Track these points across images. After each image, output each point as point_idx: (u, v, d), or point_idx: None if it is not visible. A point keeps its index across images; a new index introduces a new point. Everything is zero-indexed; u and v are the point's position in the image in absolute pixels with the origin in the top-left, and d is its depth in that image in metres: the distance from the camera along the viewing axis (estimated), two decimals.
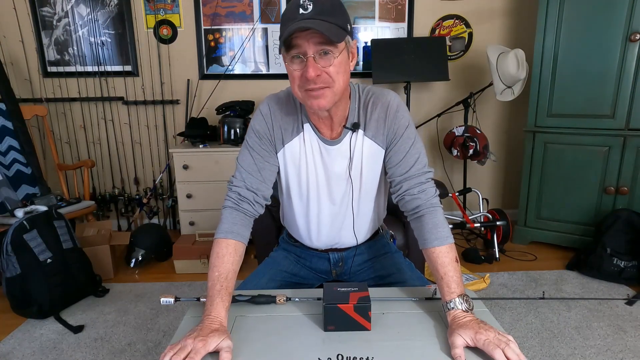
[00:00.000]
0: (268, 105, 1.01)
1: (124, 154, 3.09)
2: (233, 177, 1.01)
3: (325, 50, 0.84)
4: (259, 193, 0.99)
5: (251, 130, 1.01)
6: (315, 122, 1.00)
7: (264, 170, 1.00)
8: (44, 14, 2.84)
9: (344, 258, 1.18)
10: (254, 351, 0.76)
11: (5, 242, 1.89)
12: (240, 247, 0.94)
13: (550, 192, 2.59)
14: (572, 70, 2.40)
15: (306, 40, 0.83)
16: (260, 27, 2.93)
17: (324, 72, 0.86)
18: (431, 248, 0.92)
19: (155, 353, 1.67)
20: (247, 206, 0.98)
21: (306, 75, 0.85)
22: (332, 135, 1.01)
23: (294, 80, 0.88)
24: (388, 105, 0.98)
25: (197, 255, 2.41)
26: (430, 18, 2.98)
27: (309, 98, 0.89)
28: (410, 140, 0.99)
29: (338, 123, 0.99)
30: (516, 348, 0.72)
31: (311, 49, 0.84)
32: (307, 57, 0.84)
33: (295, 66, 0.87)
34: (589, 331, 1.76)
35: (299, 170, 1.03)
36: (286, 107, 1.01)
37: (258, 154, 1.00)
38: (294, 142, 1.01)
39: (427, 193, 0.97)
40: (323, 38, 0.83)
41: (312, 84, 0.86)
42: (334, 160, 1.01)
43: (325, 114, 0.95)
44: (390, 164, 1.00)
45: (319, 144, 1.01)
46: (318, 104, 0.89)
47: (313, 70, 0.84)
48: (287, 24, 0.85)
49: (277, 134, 1.00)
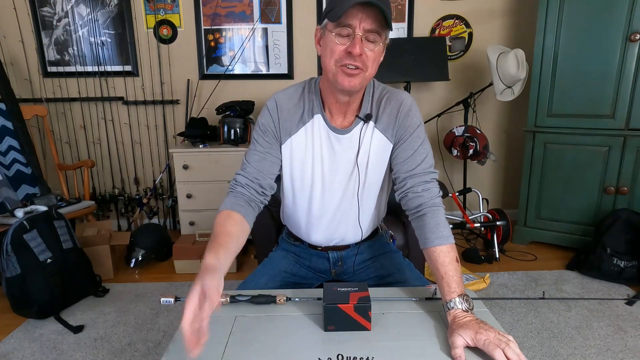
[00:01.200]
0: (275, 100, 1.02)
1: (124, 154, 3.09)
2: (237, 173, 1.03)
3: (372, 35, 0.86)
4: (255, 181, 1.00)
5: (257, 125, 1.03)
6: (331, 108, 1.01)
7: (264, 160, 1.01)
8: (44, 14, 2.84)
9: (343, 257, 1.18)
10: (254, 351, 0.76)
11: (5, 242, 1.89)
12: (239, 218, 0.93)
13: (550, 192, 2.59)
14: (572, 70, 2.40)
15: (359, 19, 0.84)
16: (260, 27, 2.93)
17: (364, 53, 0.87)
18: (432, 247, 0.92)
19: (155, 353, 1.67)
20: (242, 190, 0.99)
21: (352, 50, 0.85)
22: (344, 123, 1.02)
23: (333, 53, 0.88)
24: (402, 103, 1.01)
25: (197, 255, 2.41)
26: (430, 18, 2.98)
27: (343, 75, 0.89)
28: (420, 139, 1.01)
29: (352, 112, 1.01)
30: (516, 348, 0.72)
31: (360, 30, 0.85)
32: (356, 34, 0.85)
33: (342, 40, 0.87)
34: (589, 331, 1.76)
35: (304, 161, 1.04)
36: (294, 100, 1.02)
37: (261, 146, 1.02)
38: (299, 133, 1.02)
39: (430, 192, 0.98)
40: (376, 24, 0.85)
41: (352, 61, 0.87)
42: (343, 149, 1.02)
43: (346, 98, 0.96)
44: (397, 160, 1.01)
45: (328, 133, 1.01)
46: (349, 83, 0.90)
47: (360, 48, 0.85)
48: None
49: (283, 127, 1.01)
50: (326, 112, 1.01)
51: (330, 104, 1.00)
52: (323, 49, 0.92)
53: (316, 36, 0.96)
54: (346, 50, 0.87)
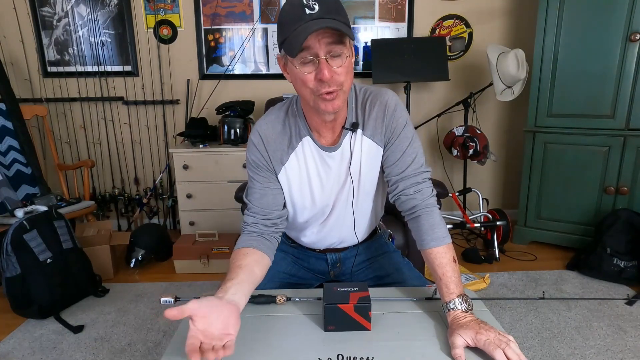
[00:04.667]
0: (258, 133, 0.98)
1: (124, 154, 3.09)
2: (244, 214, 1.02)
3: (336, 51, 0.81)
4: (264, 218, 0.99)
5: (248, 162, 1.01)
6: (318, 129, 0.98)
7: (266, 196, 1.00)
8: (44, 14, 2.84)
9: (342, 259, 1.18)
10: (254, 351, 0.76)
11: (5, 242, 1.89)
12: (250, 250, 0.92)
13: (550, 192, 2.59)
14: (572, 70, 2.40)
15: (317, 41, 0.79)
16: (260, 27, 2.93)
17: (335, 73, 0.83)
18: (429, 249, 0.92)
19: (155, 353, 1.67)
20: (257, 229, 0.98)
21: (321, 77, 0.81)
22: (334, 138, 0.99)
23: (305, 84, 0.84)
24: (386, 103, 0.97)
25: (197, 255, 2.41)
26: (430, 18, 2.98)
27: (323, 102, 0.85)
28: (408, 139, 0.98)
29: (339, 125, 0.98)
30: (516, 348, 0.72)
31: (322, 50, 0.80)
32: (320, 58, 0.81)
33: (308, 69, 0.83)
34: (589, 331, 1.76)
35: (301, 184, 1.02)
36: (277, 127, 0.99)
37: (258, 182, 1.00)
38: (291, 160, 0.99)
39: (423, 193, 0.97)
40: (334, 38, 0.80)
41: (327, 87, 0.83)
42: (337, 164, 1.00)
43: (332, 116, 0.93)
44: (387, 163, 1.00)
45: (319, 153, 0.99)
46: (332, 106, 0.86)
47: (328, 72, 0.81)
48: (293, 25, 0.79)
49: (273, 158, 0.99)
50: (314, 133, 0.98)
51: (317, 124, 0.97)
52: (293, 79, 0.88)
53: (280, 63, 0.91)
54: (316, 77, 0.83)
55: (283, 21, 0.83)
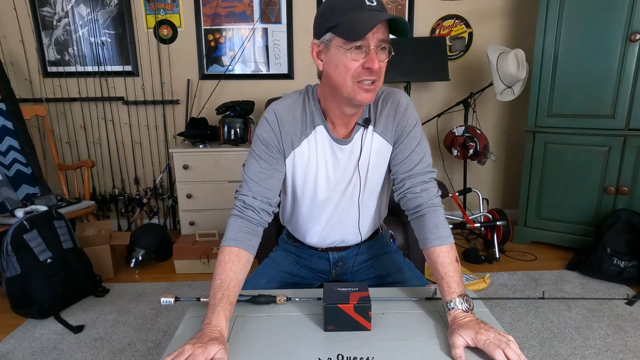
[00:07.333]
0: (274, 112, 0.97)
1: (124, 154, 3.09)
2: (240, 187, 1.00)
3: (384, 46, 0.85)
4: (265, 201, 0.97)
5: (257, 139, 0.98)
6: (334, 119, 0.99)
7: (271, 178, 0.98)
8: (44, 14, 2.84)
9: (344, 258, 1.18)
10: (254, 351, 0.76)
11: (5, 242, 1.89)
12: (245, 255, 0.91)
13: (550, 192, 2.59)
14: (572, 70, 2.40)
15: (372, 32, 0.82)
16: (260, 27, 2.93)
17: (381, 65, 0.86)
18: (431, 248, 0.92)
19: (155, 353, 1.67)
20: (252, 214, 0.95)
21: (371, 66, 0.84)
22: (346, 132, 1.00)
23: (348, 70, 0.86)
24: (398, 102, 1.00)
25: (197, 255, 2.41)
26: (430, 18, 2.98)
27: (360, 91, 0.87)
28: (417, 139, 1.00)
29: (354, 119, 0.99)
30: (516, 348, 0.72)
31: (374, 42, 0.84)
32: (370, 49, 0.84)
33: (356, 56, 0.85)
34: (589, 331, 1.76)
35: (307, 172, 1.02)
36: (293, 112, 0.99)
37: (266, 162, 0.97)
38: (302, 145, 0.99)
39: (429, 192, 0.98)
40: (385, 34, 0.84)
41: (370, 76, 0.86)
42: (346, 158, 1.01)
43: (354, 110, 0.95)
44: (395, 161, 1.01)
45: (331, 144, 1.00)
46: (366, 98, 0.88)
47: (378, 63, 0.84)
48: (352, 11, 0.82)
49: (285, 140, 0.98)
50: (328, 123, 0.99)
51: (334, 116, 0.98)
52: (331, 65, 0.88)
53: (313, 50, 0.92)
54: (363, 65, 0.85)
55: (338, 6, 0.85)
